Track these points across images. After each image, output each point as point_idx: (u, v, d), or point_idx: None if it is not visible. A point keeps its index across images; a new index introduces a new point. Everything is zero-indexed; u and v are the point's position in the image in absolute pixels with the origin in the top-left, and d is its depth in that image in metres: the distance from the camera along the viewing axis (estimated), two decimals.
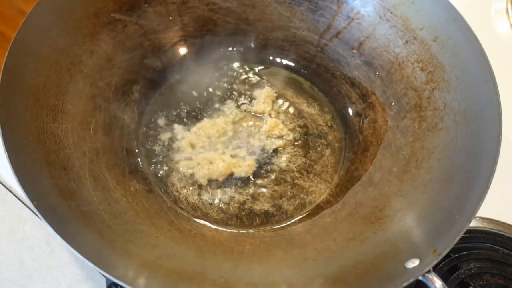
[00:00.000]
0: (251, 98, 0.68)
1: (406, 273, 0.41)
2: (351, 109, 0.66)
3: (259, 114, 0.66)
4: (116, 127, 0.60)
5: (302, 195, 0.60)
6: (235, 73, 0.70)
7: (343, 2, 0.63)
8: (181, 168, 0.60)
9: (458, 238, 0.41)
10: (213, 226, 0.56)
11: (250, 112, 0.66)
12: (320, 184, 0.61)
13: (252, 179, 0.60)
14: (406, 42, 0.58)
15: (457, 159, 0.49)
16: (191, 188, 0.59)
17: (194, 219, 0.56)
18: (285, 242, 0.54)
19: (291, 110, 0.67)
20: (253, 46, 0.71)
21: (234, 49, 0.71)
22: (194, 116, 0.65)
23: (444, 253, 0.40)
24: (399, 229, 0.48)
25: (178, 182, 0.59)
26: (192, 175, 0.60)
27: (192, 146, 0.62)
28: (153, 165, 0.60)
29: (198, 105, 0.66)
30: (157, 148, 0.62)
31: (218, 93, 0.68)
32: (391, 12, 0.59)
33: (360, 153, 0.62)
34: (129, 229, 0.47)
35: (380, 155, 0.59)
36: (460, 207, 0.45)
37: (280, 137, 0.64)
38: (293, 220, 0.57)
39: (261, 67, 0.71)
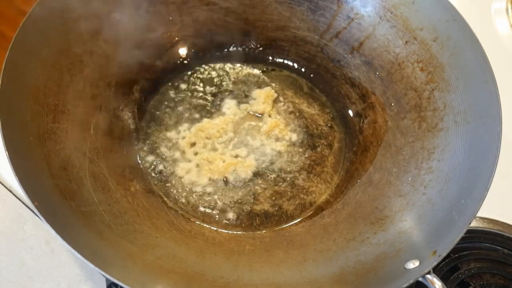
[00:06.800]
0: (251, 98, 0.68)
1: (406, 274, 0.41)
2: (351, 109, 0.66)
3: (259, 114, 0.66)
4: (116, 127, 0.60)
5: (302, 195, 0.60)
6: (235, 73, 0.70)
7: (343, 2, 0.63)
8: (181, 169, 0.60)
9: (458, 239, 0.41)
10: (213, 227, 0.56)
11: (250, 112, 0.66)
12: (320, 185, 0.61)
13: (252, 179, 0.60)
14: (406, 42, 0.58)
15: (457, 159, 0.49)
16: (191, 188, 0.59)
17: (194, 219, 0.56)
18: (285, 242, 0.54)
19: (291, 110, 0.67)
20: (253, 46, 0.71)
21: (234, 49, 0.71)
22: (194, 116, 0.65)
23: (444, 254, 0.40)
24: (399, 229, 0.48)
25: (178, 182, 0.59)
26: (192, 175, 0.60)
27: (192, 146, 0.62)
28: (153, 166, 0.60)
29: (198, 105, 0.66)
30: (157, 148, 0.62)
31: (218, 93, 0.68)
32: (391, 12, 0.59)
33: (360, 154, 0.62)
34: (129, 230, 0.47)
35: (380, 156, 0.59)
36: (460, 207, 0.45)
37: (280, 137, 0.64)
38: (293, 221, 0.57)
39: (261, 67, 0.71)
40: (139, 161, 0.60)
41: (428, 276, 0.40)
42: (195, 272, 0.45)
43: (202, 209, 0.57)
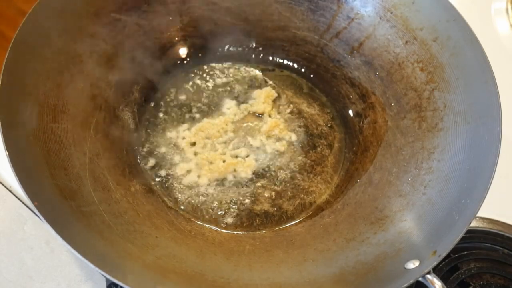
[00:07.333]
0: (251, 98, 0.68)
1: (406, 274, 0.41)
2: (351, 109, 0.66)
3: (259, 114, 0.66)
4: (116, 127, 0.60)
5: (302, 195, 0.60)
6: (235, 73, 0.70)
7: (343, 2, 0.63)
8: (181, 169, 0.60)
9: (458, 239, 0.41)
10: (213, 227, 0.56)
11: (250, 112, 0.66)
12: (320, 185, 0.61)
13: (252, 179, 0.60)
14: (406, 42, 0.58)
15: (457, 159, 0.49)
16: (191, 188, 0.59)
17: (194, 219, 0.56)
18: (285, 242, 0.54)
19: (291, 110, 0.67)
20: (253, 46, 0.71)
21: (234, 49, 0.71)
22: (194, 116, 0.65)
23: (444, 254, 0.40)
24: (399, 229, 0.48)
25: (178, 182, 0.59)
26: (192, 175, 0.60)
27: (192, 146, 0.62)
28: (153, 166, 0.60)
29: (198, 105, 0.66)
30: (157, 148, 0.62)
31: (218, 93, 0.68)
32: (391, 12, 0.59)
33: (360, 154, 0.62)
34: (129, 230, 0.47)
35: (380, 156, 0.59)
36: (460, 207, 0.45)
37: (280, 137, 0.64)
38: (293, 221, 0.57)
39: (261, 67, 0.71)
40: (139, 161, 0.60)
41: (428, 276, 0.40)
42: (195, 272, 0.45)
43: (202, 209, 0.57)
